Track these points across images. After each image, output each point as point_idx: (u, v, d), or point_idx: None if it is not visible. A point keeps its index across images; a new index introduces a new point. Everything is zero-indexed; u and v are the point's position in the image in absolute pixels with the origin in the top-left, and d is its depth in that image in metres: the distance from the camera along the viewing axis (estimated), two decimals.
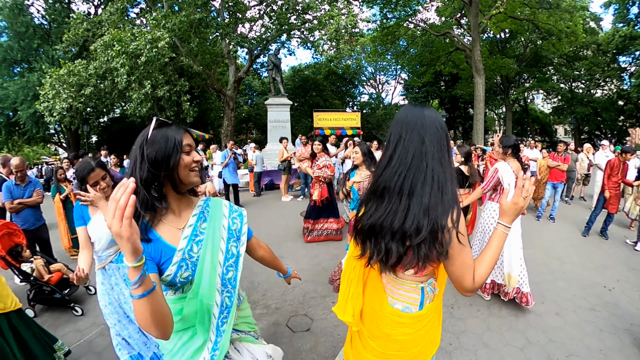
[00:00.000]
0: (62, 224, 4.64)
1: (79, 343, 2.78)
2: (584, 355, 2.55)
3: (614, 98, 23.53)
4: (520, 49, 22.60)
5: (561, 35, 15.11)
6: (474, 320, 2.98)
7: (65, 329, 2.99)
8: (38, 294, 3.22)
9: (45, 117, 11.59)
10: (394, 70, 27.83)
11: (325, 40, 13.09)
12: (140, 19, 13.25)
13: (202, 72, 13.30)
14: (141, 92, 10.78)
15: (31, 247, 3.52)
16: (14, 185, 3.72)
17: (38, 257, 3.42)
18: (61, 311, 3.25)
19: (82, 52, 14.45)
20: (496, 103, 28.40)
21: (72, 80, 10.71)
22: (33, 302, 3.22)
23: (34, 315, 3.19)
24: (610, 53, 21.24)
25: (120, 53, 9.81)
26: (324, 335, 2.77)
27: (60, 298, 3.17)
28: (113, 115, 21.26)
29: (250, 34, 14.22)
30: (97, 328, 2.98)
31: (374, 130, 21.70)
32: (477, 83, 14.42)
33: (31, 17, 16.66)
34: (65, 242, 4.64)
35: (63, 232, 4.64)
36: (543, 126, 30.06)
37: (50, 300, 3.23)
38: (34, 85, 14.03)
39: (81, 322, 3.09)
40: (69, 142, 19.45)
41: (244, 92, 26.18)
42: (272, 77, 12.63)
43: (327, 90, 24.53)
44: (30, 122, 15.61)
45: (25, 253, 3.35)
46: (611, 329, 2.88)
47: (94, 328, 2.98)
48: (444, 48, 18.91)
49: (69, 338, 2.84)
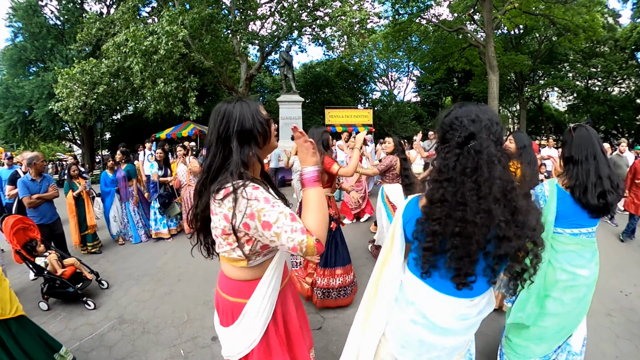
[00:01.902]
0: (72, 220, 4.63)
1: (91, 337, 2.83)
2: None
3: (632, 96, 22.68)
4: (535, 45, 22.02)
5: (578, 30, 14.65)
6: (486, 321, 2.91)
7: (78, 322, 3.05)
8: (51, 287, 3.28)
9: (61, 116, 11.79)
10: (406, 67, 27.49)
11: (337, 36, 13.00)
12: (152, 17, 13.37)
13: (214, 69, 13.35)
14: (155, 90, 10.89)
15: (45, 242, 3.59)
16: (30, 180, 3.81)
17: (52, 252, 3.49)
18: (74, 305, 3.31)
19: (95, 51, 14.68)
20: (510, 101, 27.78)
21: (85, 79, 10.88)
22: (46, 296, 3.29)
23: (47, 308, 3.26)
24: (629, 49, 20.48)
25: (133, 50, 9.90)
26: (335, 334, 2.75)
27: (73, 292, 3.22)
28: (126, 112, 21.61)
29: (261, 31, 14.24)
30: (109, 322, 3.03)
31: (386, 127, 21.45)
32: (490, 80, 14.13)
33: (45, 18, 16.97)
34: (76, 239, 4.65)
35: (73, 229, 4.63)
36: (558, 124, 29.32)
37: (63, 294, 3.29)
38: (49, 84, 14.31)
39: (93, 316, 3.15)
40: (82, 139, 19.85)
41: (256, 89, 26.24)
42: (283, 74, 12.60)
43: (338, 87, 24.25)
44: (46, 120, 15.94)
45: (39, 248, 3.42)
46: (627, 334, 2.79)
47: (106, 322, 3.03)
48: (456, 44, 18.57)
49: (80, 332, 2.90)
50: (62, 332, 2.89)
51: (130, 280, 3.85)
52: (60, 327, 2.97)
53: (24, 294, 3.63)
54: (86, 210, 4.68)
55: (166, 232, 5.26)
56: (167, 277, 3.92)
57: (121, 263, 4.39)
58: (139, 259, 4.51)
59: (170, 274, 3.98)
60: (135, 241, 5.23)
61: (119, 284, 3.77)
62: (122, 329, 2.92)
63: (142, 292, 3.58)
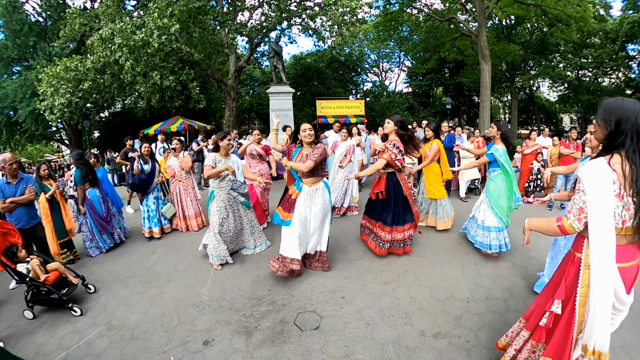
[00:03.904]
0: (48, 226, 4.05)
1: (78, 345, 2.67)
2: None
3: (622, 86, 22.93)
4: (527, 36, 22.01)
5: (570, 21, 14.59)
6: (491, 315, 2.82)
7: (64, 330, 2.89)
8: (35, 294, 3.11)
9: (46, 115, 11.45)
10: (397, 57, 27.34)
11: (327, 26, 12.78)
12: (138, 10, 12.95)
13: (203, 62, 13.06)
14: (149, 84, 10.57)
15: (27, 247, 3.40)
16: (5, 183, 3.58)
17: (34, 257, 3.30)
18: (60, 311, 3.14)
19: (80, 48, 14.24)
20: (501, 91, 27.89)
21: (69, 76, 10.52)
22: (31, 304, 3.11)
23: (33, 317, 3.09)
24: (619, 41, 20.65)
25: (122, 46, 9.57)
26: (334, 334, 2.63)
27: (58, 299, 3.05)
28: (114, 109, 21.12)
29: (250, 22, 13.92)
30: (96, 329, 2.87)
31: (377, 118, 21.29)
32: (483, 70, 14.06)
33: (26, 15, 16.42)
34: (54, 247, 4.06)
35: (50, 236, 4.04)
36: (549, 114, 29.58)
37: (48, 301, 3.12)
38: (32, 83, 13.86)
39: (80, 322, 2.99)
40: (70, 138, 19.38)
41: (245, 82, 25.86)
42: (273, 65, 12.38)
43: (329, 78, 23.99)
44: (30, 120, 15.50)
45: (21, 253, 3.23)
46: (631, 324, 2.69)
47: (93, 329, 2.88)
48: (448, 34, 18.42)
49: (67, 340, 2.75)
50: (49, 342, 2.74)
51: (119, 283, 3.68)
52: (46, 337, 2.81)
53: (9, 302, 3.46)
54: (63, 213, 4.25)
55: (158, 230, 5.06)
56: (157, 278, 3.75)
57: (109, 265, 4.20)
58: (127, 260, 4.32)
59: (159, 275, 3.82)
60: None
61: (106, 288, 3.59)
62: (110, 335, 2.77)
63: (131, 295, 3.41)
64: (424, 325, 2.71)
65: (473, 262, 3.77)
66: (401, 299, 3.07)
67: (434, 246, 4.22)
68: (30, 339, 2.81)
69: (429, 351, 2.43)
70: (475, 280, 3.40)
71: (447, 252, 4.04)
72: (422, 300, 3.05)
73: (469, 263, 3.74)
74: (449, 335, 2.58)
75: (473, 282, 3.37)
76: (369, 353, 2.43)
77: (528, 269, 3.62)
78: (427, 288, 3.25)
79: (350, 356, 2.40)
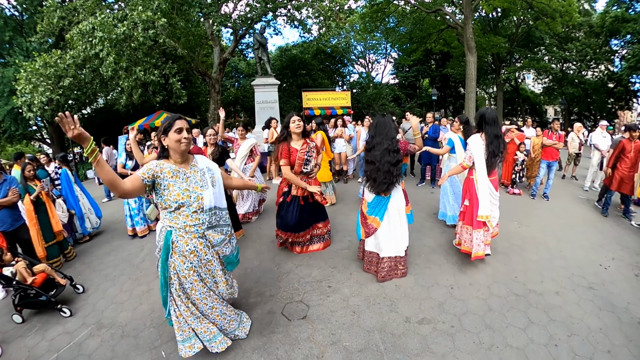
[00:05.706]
0: (34, 229, 3.88)
1: (69, 346, 2.68)
2: (584, 334, 2.54)
3: (605, 80, 23.49)
4: (512, 28, 22.18)
5: (555, 14, 14.78)
6: (474, 300, 2.94)
7: (55, 332, 2.88)
8: (23, 298, 3.08)
9: (24, 114, 11.08)
10: (384, 48, 27.30)
11: (314, 18, 12.63)
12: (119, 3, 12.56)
13: (186, 55, 12.81)
14: (132, 79, 10.32)
15: (12, 250, 3.35)
16: None
17: (20, 260, 3.26)
18: (50, 313, 3.13)
19: (59, 43, 13.77)
20: (487, 82, 28.22)
21: (49, 72, 10.18)
22: (19, 307, 3.07)
23: (22, 320, 3.05)
24: (603, 35, 21.07)
25: (103, 40, 9.30)
26: (321, 322, 2.71)
27: (47, 300, 3.03)
28: (97, 105, 20.57)
29: (234, 14, 13.67)
30: (87, 329, 2.88)
31: (364, 109, 21.30)
32: (468, 61, 14.18)
33: (1, 9, 15.75)
34: (40, 251, 3.89)
35: (36, 239, 3.88)
36: (533, 106, 30.11)
37: (37, 304, 3.09)
38: (10, 80, 13.36)
39: (70, 323, 2.98)
40: (52, 137, 18.81)
41: (230, 74, 25.40)
42: (258, 56, 12.21)
43: (315, 69, 23.72)
44: (9, 120, 14.94)
45: (6, 257, 3.19)
46: (609, 307, 2.87)
47: (83, 329, 2.88)
48: (435, 25, 18.45)
49: (58, 342, 2.75)
50: (39, 345, 2.73)
51: (107, 282, 3.67)
52: (36, 340, 2.80)
53: None
54: (49, 214, 4.12)
55: (143, 229, 5.02)
56: (145, 275, 3.75)
57: (97, 264, 4.18)
58: (115, 259, 4.30)
59: (148, 272, 3.82)
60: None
61: (95, 287, 3.58)
62: (100, 334, 2.78)
63: (120, 293, 3.42)
64: (409, 311, 2.81)
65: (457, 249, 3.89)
66: (386, 287, 3.16)
67: (419, 235, 4.33)
68: (20, 342, 2.79)
69: (414, 337, 2.52)
70: (459, 266, 3.52)
71: (432, 241, 4.16)
72: (407, 288, 3.14)
73: (452, 250, 3.85)
74: (434, 321, 2.68)
75: (457, 268, 3.48)
76: (356, 340, 2.51)
77: (510, 256, 3.76)
78: (411, 275, 3.35)
79: (337, 344, 2.48)
